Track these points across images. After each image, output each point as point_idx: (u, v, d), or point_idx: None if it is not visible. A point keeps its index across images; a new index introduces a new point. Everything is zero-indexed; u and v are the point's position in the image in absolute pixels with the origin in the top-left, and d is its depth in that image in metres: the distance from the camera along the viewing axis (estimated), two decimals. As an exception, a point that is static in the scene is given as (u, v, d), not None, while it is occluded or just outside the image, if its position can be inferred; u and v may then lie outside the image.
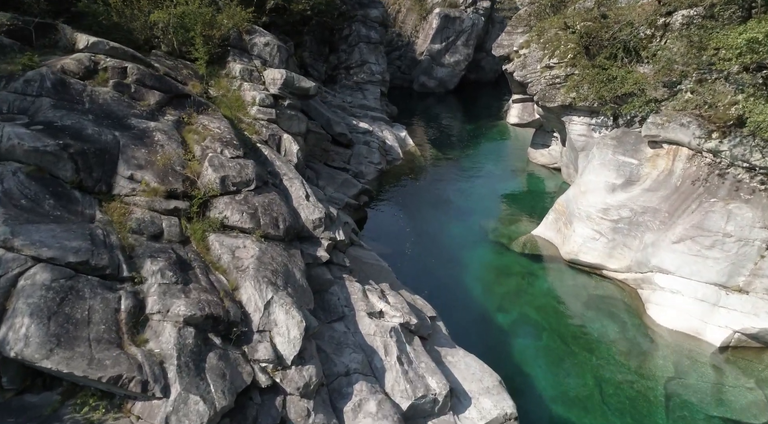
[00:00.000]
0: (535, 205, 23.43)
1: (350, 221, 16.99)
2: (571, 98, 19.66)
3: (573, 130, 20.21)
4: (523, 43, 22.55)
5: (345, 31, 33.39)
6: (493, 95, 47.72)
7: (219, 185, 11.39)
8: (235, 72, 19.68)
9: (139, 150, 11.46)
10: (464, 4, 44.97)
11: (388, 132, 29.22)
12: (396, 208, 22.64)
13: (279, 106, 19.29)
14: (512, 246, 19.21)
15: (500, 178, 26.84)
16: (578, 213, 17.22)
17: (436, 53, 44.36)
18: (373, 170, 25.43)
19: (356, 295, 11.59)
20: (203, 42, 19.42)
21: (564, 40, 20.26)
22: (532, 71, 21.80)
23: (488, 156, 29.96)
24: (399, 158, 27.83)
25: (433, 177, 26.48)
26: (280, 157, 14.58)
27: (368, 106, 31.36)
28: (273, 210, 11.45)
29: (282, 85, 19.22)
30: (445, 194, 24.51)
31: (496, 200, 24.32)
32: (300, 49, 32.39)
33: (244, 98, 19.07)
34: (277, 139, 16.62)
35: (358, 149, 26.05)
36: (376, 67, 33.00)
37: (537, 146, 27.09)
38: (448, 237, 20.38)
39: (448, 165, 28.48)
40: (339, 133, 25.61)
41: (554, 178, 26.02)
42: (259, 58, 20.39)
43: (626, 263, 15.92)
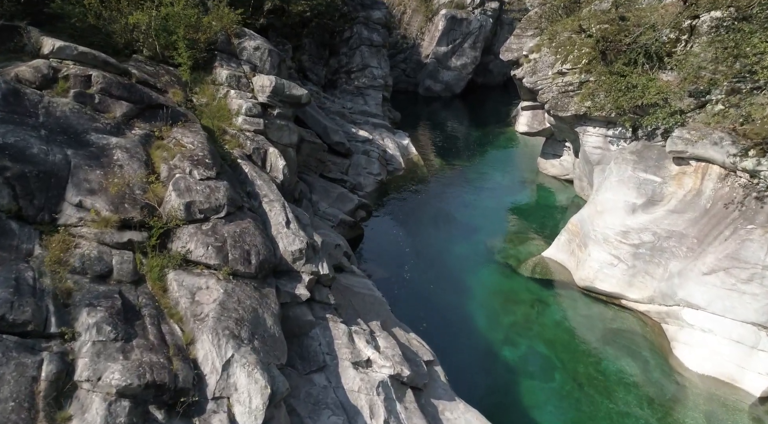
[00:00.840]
0: (546, 222, 21.80)
1: (342, 243, 15.48)
2: (585, 107, 18.04)
3: (587, 142, 18.58)
4: (533, 47, 20.94)
5: (346, 34, 31.94)
6: (501, 100, 46.08)
7: (184, 213, 9.92)
8: (222, 78, 18.24)
9: (93, 172, 10.01)
10: (472, 5, 43.39)
11: (390, 140, 27.70)
12: (395, 224, 21.11)
13: (267, 116, 17.84)
14: (521, 269, 17.60)
15: (508, 190, 25.22)
16: (594, 235, 15.59)
17: (442, 56, 42.81)
18: (372, 182, 23.92)
19: (341, 339, 10.06)
20: (187, 46, 18.02)
21: (578, 45, 18.64)
22: (543, 77, 20.19)
23: (495, 165, 28.35)
24: (400, 168, 26.31)
25: (437, 189, 24.92)
26: (262, 175, 13.10)
27: (369, 113, 29.86)
28: (245, 241, 9.94)
29: (271, 93, 17.77)
30: (449, 208, 22.93)
31: (503, 215, 22.71)
32: (299, 53, 31.00)
33: (230, 107, 17.64)
34: (262, 153, 15.15)
35: (356, 159, 24.55)
36: (378, 71, 31.51)
37: (547, 156, 25.44)
38: (450, 258, 18.81)
39: (452, 175, 26.90)
40: (336, 143, 24.14)
41: (566, 191, 24.36)
42: (248, 63, 18.93)
43: (648, 293, 14.27)
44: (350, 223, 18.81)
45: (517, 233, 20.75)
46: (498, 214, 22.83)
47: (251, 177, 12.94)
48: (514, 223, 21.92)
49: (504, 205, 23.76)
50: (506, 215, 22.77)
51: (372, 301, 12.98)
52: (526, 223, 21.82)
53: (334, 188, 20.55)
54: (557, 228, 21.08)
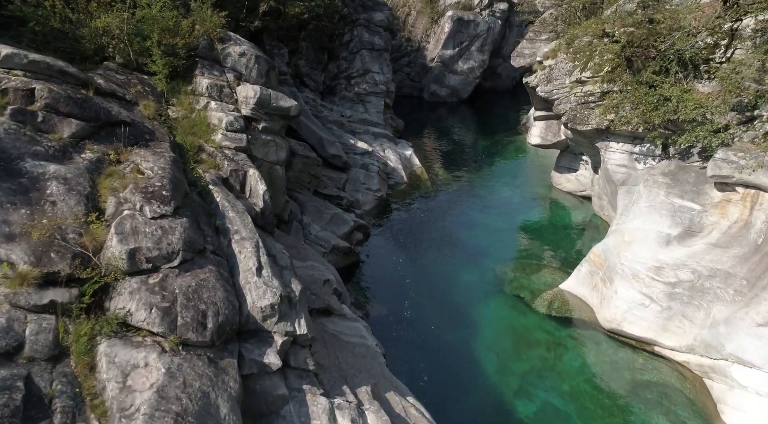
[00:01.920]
0: (562, 244, 19.79)
1: (333, 277, 13.56)
2: (608, 121, 16.04)
3: (610, 159, 16.57)
4: (548, 53, 18.95)
5: (346, 37, 30.09)
6: (509, 106, 44.11)
7: (126, 262, 8.04)
8: (202, 88, 16.42)
9: (17, 211, 8.17)
10: (479, 7, 41.44)
11: (391, 151, 25.77)
12: (395, 248, 19.16)
13: (252, 131, 15.98)
14: (535, 304, 15.61)
15: (519, 207, 23.22)
16: (621, 269, 13.58)
17: (448, 60, 40.88)
18: (371, 199, 22.01)
19: (320, 420, 8.13)
20: (164, 52, 16.20)
21: (600, 50, 16.63)
22: (559, 86, 18.20)
23: (505, 179, 26.34)
24: (402, 182, 24.39)
25: (441, 205, 22.96)
26: (236, 205, 11.20)
27: (370, 121, 27.97)
28: (201, 299, 8.04)
29: (255, 105, 15.92)
30: (454, 228, 20.97)
31: (513, 237, 20.71)
32: (295, 57, 29.20)
33: (210, 121, 15.80)
34: (240, 175, 13.28)
35: (354, 173, 22.66)
36: (380, 76, 29.61)
37: (562, 170, 23.42)
38: (455, 289, 16.84)
39: (458, 190, 24.93)
40: (333, 156, 22.27)
41: (583, 209, 22.34)
42: (232, 70, 17.09)
43: (687, 340, 12.24)
44: (344, 249, 16.89)
45: (529, 259, 18.74)
46: (508, 235, 20.84)
47: (222, 208, 11.06)
48: (526, 246, 19.92)
49: (514, 224, 21.76)
50: (517, 237, 20.77)
51: (363, 353, 11.05)
52: (539, 246, 19.81)
53: (327, 208, 18.65)
54: (575, 253, 19.08)
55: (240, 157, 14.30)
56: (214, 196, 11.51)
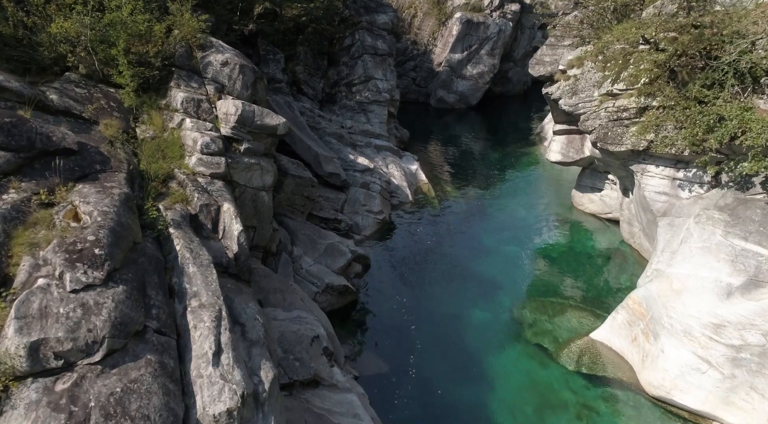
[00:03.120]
0: (587, 277, 17.49)
1: (323, 332, 11.35)
2: (647, 142, 13.76)
3: (648, 185, 14.28)
4: (573, 61, 16.67)
5: (347, 41, 27.95)
6: (521, 112, 41.85)
7: (26, 360, 5.89)
8: (177, 103, 14.32)
9: None
10: (489, 8, 39.15)
11: (395, 166, 23.56)
12: (398, 282, 16.93)
13: (233, 153, 13.85)
14: (560, 356, 13.34)
15: (535, 230, 20.93)
16: (669, 323, 11.29)
17: (456, 64, 38.63)
18: (372, 223, 19.80)
19: None
20: (133, 62, 14.14)
21: (635, 59, 14.35)
22: (586, 99, 15.93)
23: (519, 197, 24.05)
24: (407, 201, 22.17)
25: (450, 229, 20.72)
26: (199, 257, 9.03)
27: (372, 133, 25.78)
28: (128, 412, 5.86)
29: (237, 123, 13.80)
30: (465, 257, 18.73)
31: (531, 267, 18.44)
32: (292, 63, 27.09)
33: (185, 141, 13.70)
34: (213, 211, 11.12)
35: (354, 193, 20.47)
36: (384, 83, 27.42)
37: (584, 189, 21.12)
38: (467, 333, 14.61)
39: (468, 209, 22.68)
40: (330, 174, 20.11)
41: (609, 234, 20.03)
42: (213, 82, 14.98)
43: (758, 418, 9.94)
44: (340, 288, 14.67)
45: (550, 295, 16.46)
46: (524, 264, 18.57)
47: (182, 261, 8.89)
48: (545, 278, 17.63)
49: (531, 251, 19.49)
50: (534, 266, 18.49)
51: (356, 441, 8.87)
52: (560, 278, 17.52)
53: (322, 237, 16.45)
54: (603, 289, 16.78)
55: (215, 187, 12.18)
56: (174, 243, 9.35)
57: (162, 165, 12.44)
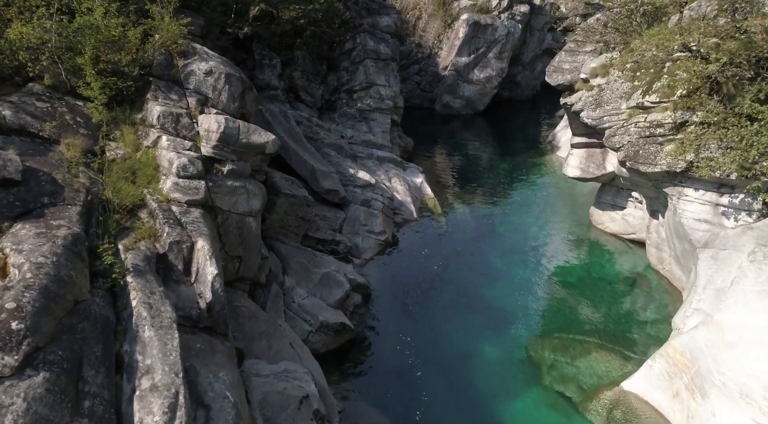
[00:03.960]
0: (610, 307, 15.80)
1: (313, 390, 9.74)
2: (685, 163, 12.08)
3: (686, 211, 12.59)
4: (597, 69, 14.99)
5: (347, 45, 26.34)
6: (530, 118, 40.17)
7: None
8: (153, 117, 12.77)
9: None
10: (497, 10, 37.46)
11: (399, 180, 21.91)
12: (402, 315, 15.27)
13: (215, 175, 12.24)
14: (588, 408, 11.65)
15: (550, 252, 19.22)
16: (721, 381, 9.61)
17: (463, 68, 36.94)
18: (373, 244, 18.16)
19: None
20: (104, 71, 12.64)
21: (672, 68, 12.67)
22: (612, 112, 14.25)
23: (531, 213, 22.34)
24: (411, 219, 20.52)
25: (457, 250, 19.04)
26: (159, 315, 7.40)
27: (374, 143, 24.16)
28: None
29: (219, 142, 12.21)
30: (474, 283, 17.07)
31: (546, 295, 16.76)
32: (289, 68, 25.51)
33: (160, 162, 12.12)
34: (185, 250, 9.51)
35: (354, 211, 18.83)
36: (386, 90, 25.79)
37: (604, 207, 19.42)
38: (478, 376, 12.95)
39: (477, 227, 21.00)
40: (328, 191, 18.47)
41: (632, 257, 18.31)
42: (196, 93, 13.41)
43: None
44: (336, 327, 13.02)
45: (570, 330, 14.77)
46: (538, 292, 16.89)
47: (138, 320, 7.28)
48: (563, 309, 15.94)
49: (545, 275, 17.80)
50: (550, 294, 16.80)
51: None
52: (580, 309, 15.84)
53: (317, 265, 14.80)
54: (630, 323, 15.07)
55: (191, 217, 10.57)
56: (129, 296, 7.73)
57: (131, 191, 10.86)
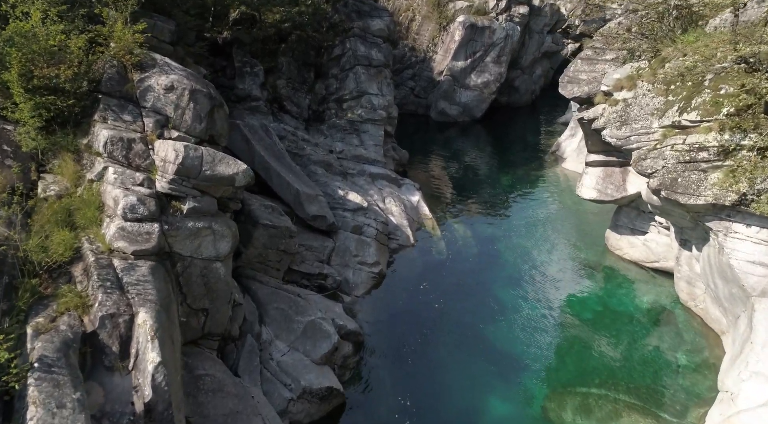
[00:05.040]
0: (633, 351, 13.84)
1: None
2: (737, 195, 10.13)
3: (736, 251, 10.65)
4: (621, 81, 13.02)
5: (336, 50, 24.27)
6: (529, 124, 38.38)
7: None
8: (99, 144, 10.71)
9: None
10: (495, 11, 35.56)
11: (393, 201, 19.85)
12: (398, 367, 13.15)
13: (171, 214, 10.13)
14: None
15: (561, 282, 17.20)
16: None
17: (459, 72, 34.98)
18: (366, 278, 16.08)
19: None
20: (37, 88, 10.60)
21: (716, 81, 10.72)
22: (641, 131, 12.29)
23: (538, 236, 20.31)
24: (408, 244, 18.45)
25: (459, 280, 17.01)
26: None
27: (366, 158, 22.10)
28: None
29: (177, 175, 10.09)
30: (478, 321, 15.06)
31: (559, 335, 14.79)
32: (273, 76, 23.45)
33: (105, 200, 10.05)
34: (122, 326, 7.40)
35: (344, 240, 16.74)
36: (379, 99, 23.75)
37: (622, 230, 17.49)
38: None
39: (480, 253, 18.96)
40: (314, 217, 16.38)
41: (656, 289, 16.36)
42: (154, 113, 11.34)
43: None
44: (321, 393, 10.91)
45: (591, 383, 12.78)
46: (550, 331, 14.91)
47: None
48: (579, 353, 13.95)
49: (557, 310, 15.81)
50: (564, 334, 14.82)
51: None
52: (600, 354, 13.86)
53: (300, 312, 12.68)
54: (662, 376, 13.08)
55: (135, 276, 8.47)
56: (27, 413, 5.63)
57: (63, 241, 8.76)
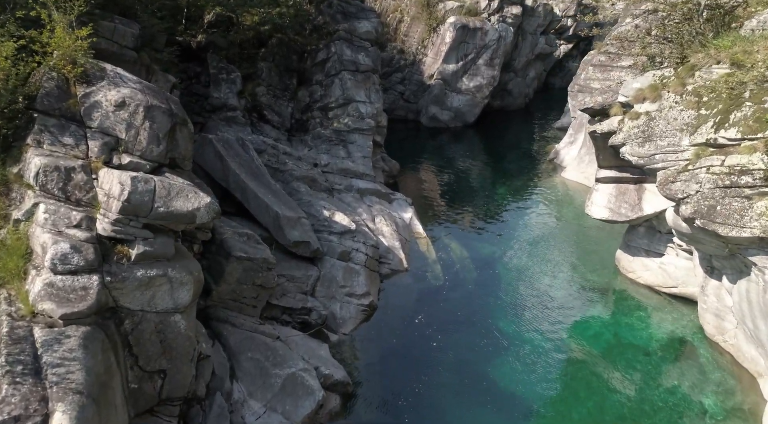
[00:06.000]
0: (652, 392, 12.28)
1: None
2: (791, 228, 8.58)
3: (785, 292, 9.11)
4: (643, 91, 11.44)
5: (320, 55, 22.54)
6: (523, 128, 37.03)
7: None
8: (30, 174, 8.90)
9: None
10: (487, 11, 34.07)
11: (384, 219, 18.14)
12: (393, 416, 11.47)
13: (117, 263, 8.31)
14: None
15: (567, 308, 15.58)
16: None
17: (450, 76, 33.43)
18: (355, 311, 14.35)
19: None
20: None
21: (757, 92, 9.18)
22: (669, 149, 10.74)
23: (539, 254, 18.68)
24: (401, 269, 16.75)
25: (457, 311, 15.33)
26: None
27: (353, 171, 20.39)
28: None
29: (122, 213, 8.26)
30: (479, 359, 13.44)
31: (568, 371, 13.22)
32: (252, 83, 21.69)
33: (34, 247, 8.24)
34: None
35: (330, 268, 15.00)
36: (367, 107, 22.04)
37: (635, 251, 15.97)
38: None
39: (477, 277, 17.27)
40: (296, 243, 14.63)
41: (674, 317, 14.83)
42: (102, 134, 9.60)
43: None
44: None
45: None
46: (558, 368, 13.34)
47: None
48: (592, 395, 12.35)
49: (564, 342, 14.21)
50: (573, 371, 13.22)
51: None
52: (615, 395, 12.30)
53: (278, 364, 10.91)
54: (684, 421, 11.56)
55: (59, 353, 7.05)
56: None
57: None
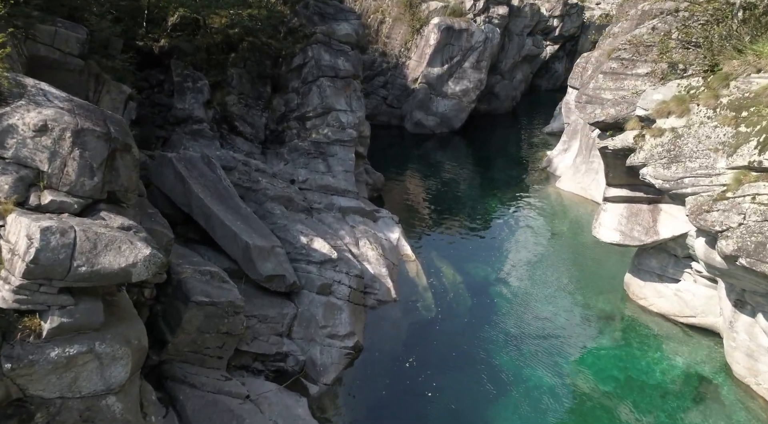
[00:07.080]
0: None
1: None
2: None
3: None
4: (668, 104, 9.88)
5: (296, 60, 20.74)
6: (512, 134, 35.76)
7: None
8: None
9: None
10: (472, 12, 32.59)
11: (369, 242, 16.37)
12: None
13: (22, 342, 6.39)
14: None
15: (572, 338, 14.07)
16: None
17: (435, 80, 31.91)
18: (337, 356, 12.53)
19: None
20: None
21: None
22: (700, 173, 9.20)
23: (538, 277, 17.10)
24: (388, 299, 15.01)
25: (452, 348, 13.67)
26: None
27: (334, 188, 18.60)
28: None
29: (28, 277, 6.30)
30: (477, 404, 11.80)
31: (574, 414, 11.65)
32: (221, 91, 19.86)
33: None
34: None
35: (308, 304, 13.18)
36: (348, 116, 20.27)
37: (647, 276, 14.49)
38: None
39: (473, 305, 15.63)
40: (270, 277, 12.80)
41: (693, 350, 13.38)
42: (19, 165, 7.49)
43: None
44: None
45: None
46: (564, 411, 11.78)
47: None
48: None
49: (570, 380, 12.68)
50: (581, 416, 11.68)
51: None
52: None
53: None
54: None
55: None
56: None
57: None
